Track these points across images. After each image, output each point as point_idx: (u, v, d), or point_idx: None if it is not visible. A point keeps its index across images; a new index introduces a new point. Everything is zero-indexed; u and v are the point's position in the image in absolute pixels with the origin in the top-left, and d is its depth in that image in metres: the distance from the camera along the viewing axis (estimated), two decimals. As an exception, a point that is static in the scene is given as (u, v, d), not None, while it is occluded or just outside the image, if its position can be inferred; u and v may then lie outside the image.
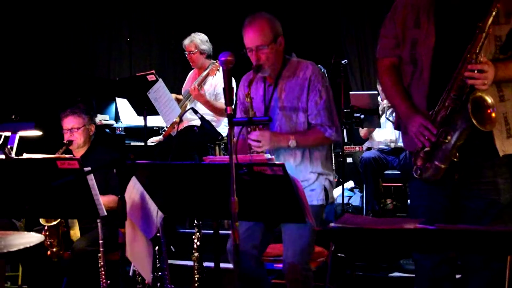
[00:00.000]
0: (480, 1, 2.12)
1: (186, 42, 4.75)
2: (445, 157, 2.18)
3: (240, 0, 6.47)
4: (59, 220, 3.28)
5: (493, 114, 2.09)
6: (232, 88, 1.87)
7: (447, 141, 2.16)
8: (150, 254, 2.54)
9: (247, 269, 2.71)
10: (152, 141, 5.01)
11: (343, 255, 3.64)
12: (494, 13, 2.07)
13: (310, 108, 2.71)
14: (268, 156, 1.95)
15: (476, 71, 2.08)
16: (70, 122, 3.62)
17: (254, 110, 2.71)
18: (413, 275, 2.61)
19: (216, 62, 4.54)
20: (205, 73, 4.58)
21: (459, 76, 2.12)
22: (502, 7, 2.12)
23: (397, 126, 2.54)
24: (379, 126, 4.73)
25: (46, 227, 3.24)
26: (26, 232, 2.60)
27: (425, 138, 2.21)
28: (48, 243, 3.25)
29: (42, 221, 3.26)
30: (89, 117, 3.72)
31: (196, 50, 4.70)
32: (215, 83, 4.60)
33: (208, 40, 4.78)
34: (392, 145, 4.90)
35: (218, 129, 4.57)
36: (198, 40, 4.71)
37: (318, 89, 2.70)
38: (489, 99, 2.09)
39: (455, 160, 2.17)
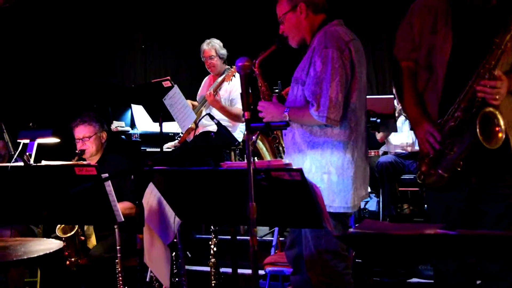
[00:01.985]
0: (499, 13, 2.09)
1: (206, 47, 4.74)
2: (449, 167, 2.18)
3: (255, 7, 6.48)
4: (75, 230, 3.30)
5: (500, 134, 2.05)
6: (250, 93, 1.86)
7: (452, 152, 2.15)
8: (168, 260, 2.55)
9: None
10: (168, 146, 5.03)
11: (360, 260, 3.61)
12: None
13: (306, 83, 2.45)
14: (286, 161, 1.94)
15: (488, 86, 2.05)
16: (81, 132, 3.63)
17: None
18: (432, 281, 2.58)
19: (232, 67, 4.55)
20: (221, 78, 4.58)
21: (471, 89, 2.11)
22: None
23: (411, 127, 2.53)
24: (396, 130, 4.70)
25: (63, 238, 3.26)
26: (45, 239, 2.61)
27: (430, 145, 2.20)
28: (66, 253, 3.27)
29: (58, 232, 3.27)
30: (100, 124, 3.73)
31: (216, 55, 4.70)
32: (230, 89, 4.60)
33: (223, 45, 4.81)
34: (409, 149, 4.86)
35: (233, 135, 4.57)
36: (217, 45, 4.72)
37: (315, 60, 2.40)
38: (500, 118, 2.05)
39: (459, 169, 2.16)
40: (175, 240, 3.03)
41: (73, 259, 3.28)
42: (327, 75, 2.34)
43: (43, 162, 3.12)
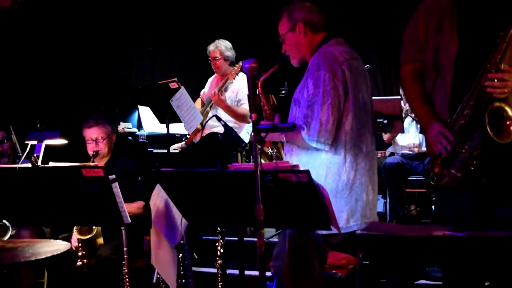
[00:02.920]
0: (504, 7, 2.09)
1: (211, 48, 4.77)
2: (462, 166, 2.17)
3: (264, 8, 6.48)
4: (94, 232, 3.32)
5: None
6: (257, 95, 1.86)
7: (464, 151, 2.14)
8: (175, 261, 2.55)
9: None
10: (174, 148, 5.04)
11: (367, 262, 3.60)
12: None
13: (300, 105, 2.44)
14: (293, 163, 1.94)
15: (496, 80, 2.05)
16: (94, 132, 3.67)
17: None
18: (439, 283, 2.57)
19: (235, 66, 4.55)
20: (224, 80, 4.60)
21: (478, 85, 2.10)
22: None
23: (421, 130, 2.51)
24: (403, 131, 4.68)
25: (78, 239, 3.28)
26: (53, 240, 2.62)
27: (442, 146, 2.19)
28: (80, 254, 3.29)
29: (76, 233, 3.30)
30: (112, 126, 3.79)
31: (221, 56, 4.71)
32: (236, 90, 4.61)
33: (232, 47, 4.80)
34: (416, 150, 4.84)
35: (240, 136, 4.58)
36: (223, 47, 4.73)
37: (307, 82, 2.38)
38: (509, 110, 2.05)
39: (472, 168, 2.14)
40: (182, 241, 3.03)
41: (85, 260, 3.30)
42: (318, 98, 2.31)
43: (51, 164, 3.15)
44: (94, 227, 3.33)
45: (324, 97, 2.31)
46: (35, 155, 3.48)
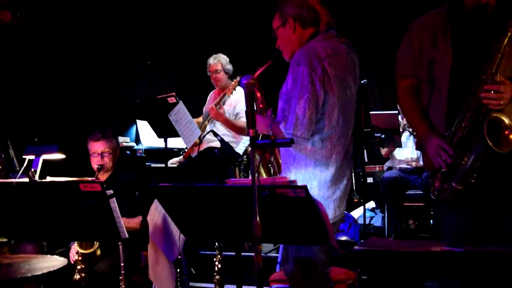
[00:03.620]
0: (497, 20, 2.12)
1: (212, 61, 4.79)
2: (462, 179, 2.17)
3: (262, 24, 6.52)
4: (96, 247, 3.30)
5: (511, 136, 2.06)
6: (255, 110, 1.87)
7: (463, 162, 2.15)
8: (173, 277, 2.54)
9: None
10: (172, 162, 5.04)
11: (365, 277, 3.58)
12: (509, 34, 2.06)
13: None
14: (291, 178, 1.94)
15: (492, 92, 2.06)
16: (100, 146, 3.64)
17: None
18: (439, 298, 2.55)
19: (233, 80, 4.58)
20: (222, 94, 4.62)
21: (475, 97, 2.11)
22: None
23: (418, 147, 2.51)
24: (400, 146, 4.70)
25: (79, 252, 3.27)
26: (49, 256, 2.61)
27: (442, 160, 2.19)
28: (79, 267, 3.27)
29: (77, 247, 3.28)
30: (117, 141, 3.79)
31: (222, 69, 4.75)
32: (234, 103, 4.63)
33: (229, 61, 4.84)
34: (414, 164, 4.85)
35: (237, 149, 4.59)
36: (224, 60, 4.78)
37: (287, 77, 2.43)
38: (506, 120, 2.07)
39: (473, 181, 2.14)
40: (179, 256, 3.01)
41: (83, 274, 3.27)
42: (295, 92, 2.35)
43: (48, 178, 3.14)
44: (95, 242, 3.31)
45: (301, 91, 2.34)
46: (32, 169, 3.47)
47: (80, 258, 3.27)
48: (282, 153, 2.57)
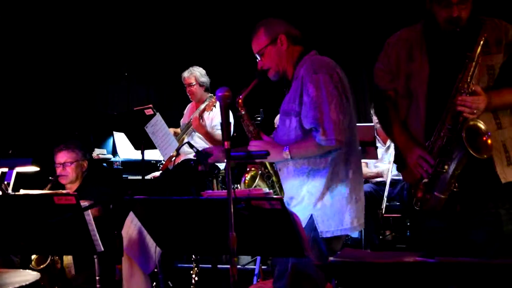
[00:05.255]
0: (470, 32, 2.18)
1: (186, 74, 4.82)
2: (444, 187, 2.19)
3: (240, 36, 6.55)
4: (48, 261, 3.23)
5: (489, 141, 2.11)
6: (230, 123, 1.88)
7: (444, 171, 2.18)
8: (148, 290, 2.51)
9: None
10: (153, 175, 5.01)
11: (343, 288, 3.59)
12: (482, 42, 2.13)
13: (302, 111, 2.39)
14: (266, 190, 1.94)
15: (467, 101, 2.11)
16: (63, 157, 3.63)
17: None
18: (415, 309, 2.55)
19: (213, 97, 4.58)
20: (203, 107, 4.62)
21: (452, 106, 2.16)
22: (490, 36, 2.18)
23: (395, 159, 2.53)
24: (376, 158, 4.73)
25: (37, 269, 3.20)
26: (21, 270, 2.56)
27: (423, 170, 2.22)
28: (42, 283, 3.20)
29: (33, 263, 3.21)
30: (83, 153, 3.73)
31: (195, 83, 4.76)
32: (211, 116, 4.64)
33: (206, 73, 4.85)
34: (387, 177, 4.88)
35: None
36: (197, 73, 4.79)
37: (307, 87, 2.37)
38: (482, 126, 2.12)
39: (455, 190, 2.18)
40: (155, 270, 2.98)
41: None
42: (323, 98, 2.32)
43: (22, 191, 3.09)
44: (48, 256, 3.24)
45: (328, 97, 2.32)
46: (5, 182, 3.42)
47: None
48: (287, 175, 2.48)
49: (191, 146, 2.54)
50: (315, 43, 2.61)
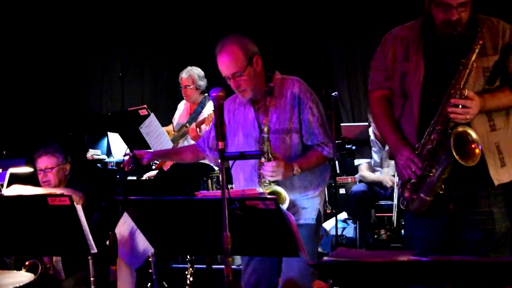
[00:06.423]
0: (468, 37, 2.17)
1: (184, 75, 4.68)
2: (430, 190, 2.21)
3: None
4: (40, 270, 3.19)
5: (477, 150, 2.11)
6: (224, 123, 1.87)
7: (431, 174, 2.19)
8: (133, 282, 2.50)
9: None
10: (149, 176, 4.99)
11: (337, 288, 3.60)
12: (477, 50, 2.12)
13: (304, 128, 2.55)
14: (260, 190, 1.94)
15: (460, 106, 2.11)
16: (43, 162, 3.46)
17: (245, 136, 2.60)
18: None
19: (209, 98, 4.53)
20: (201, 119, 4.49)
21: (444, 111, 2.16)
22: (487, 38, 2.18)
23: (390, 156, 2.56)
24: (370, 157, 4.75)
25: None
26: (15, 271, 2.55)
27: (411, 171, 2.23)
28: None
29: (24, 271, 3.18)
30: (64, 156, 3.55)
31: (193, 85, 4.65)
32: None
33: (204, 75, 4.75)
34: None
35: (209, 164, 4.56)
36: (196, 76, 4.65)
37: (309, 106, 2.55)
38: (473, 134, 2.12)
39: (441, 192, 2.19)
40: (150, 270, 2.98)
41: None
42: (323, 117, 2.59)
43: (15, 186, 3.07)
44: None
45: (324, 116, 2.63)
46: (-1, 183, 3.40)
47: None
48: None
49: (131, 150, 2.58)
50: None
